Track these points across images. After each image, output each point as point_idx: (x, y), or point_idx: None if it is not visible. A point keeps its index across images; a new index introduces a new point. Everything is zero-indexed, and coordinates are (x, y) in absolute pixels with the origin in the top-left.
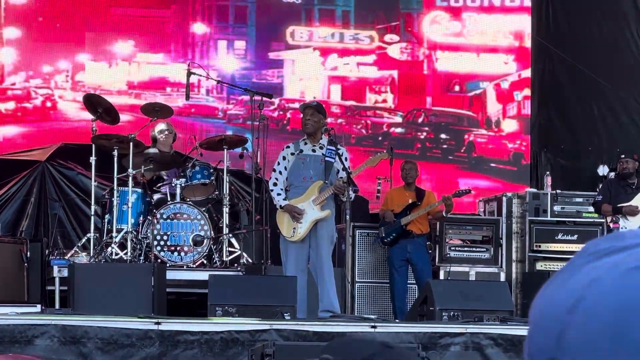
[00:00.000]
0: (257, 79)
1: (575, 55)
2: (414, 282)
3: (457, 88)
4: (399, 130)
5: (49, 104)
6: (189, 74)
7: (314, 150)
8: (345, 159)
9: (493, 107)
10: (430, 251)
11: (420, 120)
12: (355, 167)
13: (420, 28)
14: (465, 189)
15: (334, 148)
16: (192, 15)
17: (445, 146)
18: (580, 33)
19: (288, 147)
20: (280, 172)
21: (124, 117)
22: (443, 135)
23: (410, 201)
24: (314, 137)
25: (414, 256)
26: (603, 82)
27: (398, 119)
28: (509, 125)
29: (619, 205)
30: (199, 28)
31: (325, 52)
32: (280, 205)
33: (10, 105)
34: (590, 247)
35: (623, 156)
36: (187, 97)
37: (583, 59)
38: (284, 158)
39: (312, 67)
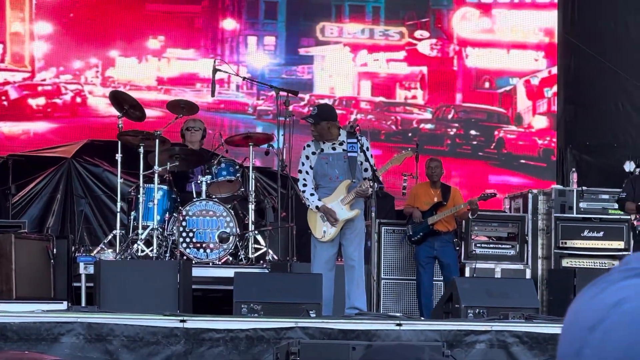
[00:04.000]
0: (286, 75)
1: (601, 51)
2: (440, 279)
3: (487, 84)
4: (428, 126)
5: (78, 100)
6: (215, 70)
7: (334, 148)
8: (367, 149)
9: (523, 104)
10: (457, 248)
11: (450, 116)
12: (381, 165)
13: (450, 24)
14: (490, 192)
15: (354, 140)
16: (222, 11)
17: (475, 142)
18: (606, 29)
19: (308, 145)
20: (307, 172)
21: (153, 113)
22: (473, 132)
23: (436, 200)
24: (330, 136)
25: (441, 253)
26: (629, 78)
27: (428, 115)
28: (539, 122)
29: None
30: (229, 24)
31: (355, 48)
32: (317, 207)
33: (41, 100)
34: (633, 261)
35: None
36: (213, 94)
37: (609, 55)
38: (307, 158)
39: (342, 64)
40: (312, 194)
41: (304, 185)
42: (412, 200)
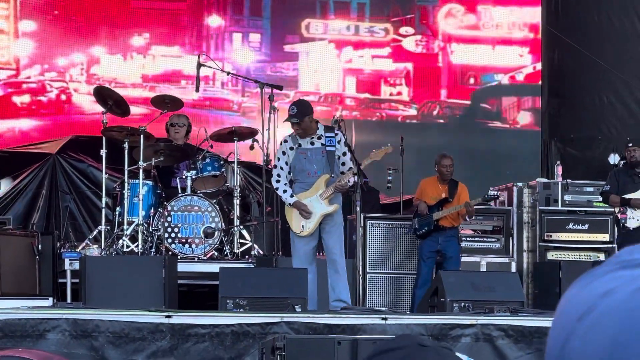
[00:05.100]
0: (272, 71)
1: (585, 44)
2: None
3: (472, 80)
4: (413, 122)
5: (63, 97)
6: (199, 66)
7: (312, 143)
8: (346, 143)
9: (508, 100)
10: (460, 243)
11: (435, 112)
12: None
13: (436, 21)
14: (493, 194)
15: (332, 134)
16: (207, 7)
17: None
18: (589, 22)
19: (285, 141)
20: (281, 168)
21: (138, 110)
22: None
23: (443, 196)
24: (311, 130)
25: (445, 247)
26: (612, 71)
27: (413, 112)
28: (524, 117)
29: (626, 196)
30: (214, 20)
31: (340, 44)
32: (289, 203)
33: (26, 98)
34: (624, 254)
35: (631, 145)
36: (197, 90)
37: (592, 48)
38: (284, 153)
39: (327, 60)
40: (284, 191)
41: (277, 181)
42: (419, 195)
